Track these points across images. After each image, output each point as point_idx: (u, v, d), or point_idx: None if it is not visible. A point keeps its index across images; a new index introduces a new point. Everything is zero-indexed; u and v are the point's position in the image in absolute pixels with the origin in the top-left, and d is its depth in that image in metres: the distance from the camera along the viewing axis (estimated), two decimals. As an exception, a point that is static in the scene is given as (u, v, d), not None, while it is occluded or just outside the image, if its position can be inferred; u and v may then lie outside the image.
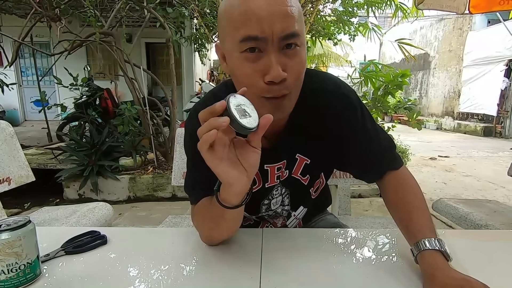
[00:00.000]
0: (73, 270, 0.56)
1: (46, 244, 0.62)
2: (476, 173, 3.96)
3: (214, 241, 0.63)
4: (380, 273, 0.55)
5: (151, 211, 2.65)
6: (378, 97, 3.08)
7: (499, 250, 0.65)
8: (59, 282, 0.52)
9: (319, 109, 0.64)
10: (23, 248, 0.49)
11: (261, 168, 0.66)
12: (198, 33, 4.97)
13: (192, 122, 0.64)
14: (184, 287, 0.52)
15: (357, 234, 0.72)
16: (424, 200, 0.61)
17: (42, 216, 1.25)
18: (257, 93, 0.52)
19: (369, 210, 2.66)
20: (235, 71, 0.53)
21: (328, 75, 0.68)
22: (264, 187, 0.69)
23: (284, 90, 0.51)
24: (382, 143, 0.68)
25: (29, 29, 3.03)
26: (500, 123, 7.35)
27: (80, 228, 0.70)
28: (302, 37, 0.51)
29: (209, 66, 8.42)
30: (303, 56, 0.52)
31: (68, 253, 0.61)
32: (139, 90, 3.17)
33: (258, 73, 0.50)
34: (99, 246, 0.64)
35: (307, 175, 0.70)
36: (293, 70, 0.51)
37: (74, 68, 3.30)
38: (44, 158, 3.26)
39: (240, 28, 0.49)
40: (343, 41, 6.14)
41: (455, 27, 8.75)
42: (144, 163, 3.18)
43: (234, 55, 0.52)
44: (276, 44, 0.49)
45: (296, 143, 0.66)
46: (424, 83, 10.24)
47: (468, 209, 1.30)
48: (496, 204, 1.43)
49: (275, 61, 0.49)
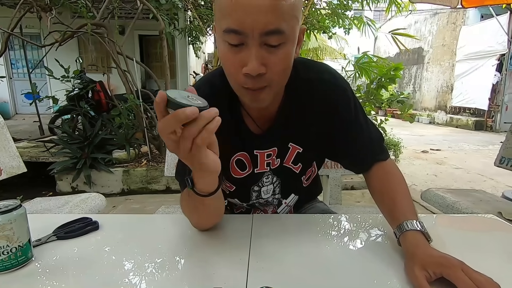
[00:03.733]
0: (65, 255, 0.56)
1: (38, 230, 0.63)
2: (466, 165, 4.04)
3: (203, 226, 0.65)
4: (368, 255, 0.57)
5: (145, 204, 2.65)
6: (371, 90, 3.11)
7: (477, 233, 0.69)
8: (50, 266, 0.53)
9: (313, 98, 0.65)
10: (14, 231, 0.50)
11: (251, 153, 0.67)
12: (192, 25, 4.92)
13: None
14: (173, 271, 0.53)
15: (345, 219, 0.74)
16: (407, 188, 0.64)
17: (34, 207, 1.25)
18: (237, 82, 0.53)
19: (361, 202, 2.70)
20: (220, 57, 0.54)
21: (324, 66, 0.68)
22: (253, 173, 0.70)
23: (261, 83, 0.52)
24: (372, 135, 0.70)
25: (19, 20, 2.97)
26: (491, 117, 7.46)
27: (72, 215, 0.71)
28: (289, 34, 0.50)
29: (204, 59, 8.35)
30: (288, 52, 0.51)
31: (60, 238, 0.61)
32: (132, 83, 3.14)
33: (238, 64, 0.51)
34: (90, 231, 0.65)
35: (299, 164, 0.71)
36: (274, 66, 0.51)
37: (65, 60, 3.24)
38: (36, 151, 3.23)
39: (225, 18, 0.49)
40: (338, 35, 6.13)
41: (449, 22, 8.79)
42: (137, 156, 3.17)
43: (220, 42, 0.52)
44: (257, 39, 0.48)
45: (289, 131, 0.67)
46: (418, 78, 10.31)
47: (455, 198, 1.33)
48: (482, 193, 1.47)
49: (254, 55, 0.49)
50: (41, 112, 4.19)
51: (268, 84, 0.53)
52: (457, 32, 8.28)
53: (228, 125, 0.64)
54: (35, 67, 5.44)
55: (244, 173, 0.69)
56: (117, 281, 0.49)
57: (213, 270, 0.52)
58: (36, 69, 6.31)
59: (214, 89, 0.63)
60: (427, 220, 0.75)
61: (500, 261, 0.56)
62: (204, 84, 0.66)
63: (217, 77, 0.63)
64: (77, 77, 3.56)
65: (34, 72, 6.35)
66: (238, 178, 0.70)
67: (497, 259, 0.57)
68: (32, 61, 6.48)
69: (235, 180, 0.70)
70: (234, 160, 0.68)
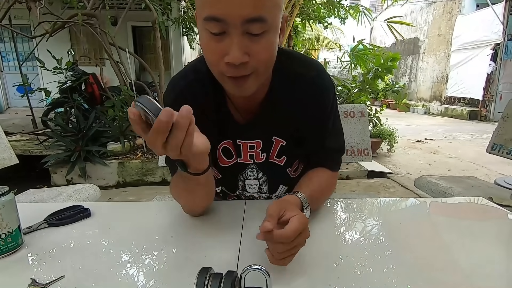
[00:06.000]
0: (56, 241, 0.56)
1: (30, 218, 0.62)
2: (460, 154, 4.08)
3: (195, 211, 0.65)
4: (358, 238, 0.58)
5: (140, 195, 2.65)
6: (366, 80, 3.10)
7: (467, 215, 0.70)
8: (41, 251, 0.53)
9: (296, 93, 0.64)
10: (3, 217, 0.49)
11: (234, 142, 0.67)
12: (186, 16, 4.84)
13: (170, 96, 0.65)
14: (164, 254, 0.53)
15: (338, 204, 0.74)
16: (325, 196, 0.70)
17: (27, 198, 1.24)
18: (219, 70, 0.52)
19: (356, 191, 2.73)
20: (202, 46, 0.53)
21: (315, 64, 0.67)
22: (237, 162, 0.70)
23: (243, 71, 0.51)
24: (333, 145, 0.70)
25: (7, 10, 2.90)
26: (485, 107, 7.52)
27: (64, 204, 0.70)
28: (272, 22, 0.49)
29: (199, 51, 8.25)
30: (271, 40, 0.50)
31: (51, 225, 0.61)
32: (125, 74, 3.10)
33: (220, 53, 0.49)
34: (82, 219, 0.64)
35: (283, 156, 0.71)
36: (257, 55, 0.50)
37: (57, 52, 3.18)
38: (29, 144, 3.20)
39: (205, 6, 0.48)
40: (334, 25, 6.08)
41: (445, 11, 8.75)
42: (132, 148, 3.16)
43: (201, 30, 0.51)
44: (239, 27, 0.47)
45: (272, 124, 0.66)
46: (414, 68, 10.31)
47: (447, 184, 1.35)
48: (474, 180, 1.49)
49: (236, 44, 0.48)
50: (33, 106, 4.13)
51: (253, 72, 0.52)
52: (453, 22, 8.26)
53: (213, 112, 0.64)
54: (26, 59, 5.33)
55: (230, 162, 0.70)
56: (108, 266, 0.49)
57: (205, 253, 0.52)
58: (28, 62, 6.19)
59: (199, 75, 0.63)
60: (419, 204, 0.76)
61: (489, 244, 0.57)
62: (189, 70, 0.66)
63: (203, 63, 0.61)
64: (70, 69, 3.50)
65: (25, 65, 6.24)
66: (224, 166, 0.70)
67: (486, 241, 0.58)
68: (23, 54, 6.36)
69: (221, 168, 0.71)
70: (221, 148, 0.68)
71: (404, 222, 0.66)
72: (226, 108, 0.64)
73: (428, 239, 0.58)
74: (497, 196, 1.22)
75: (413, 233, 0.61)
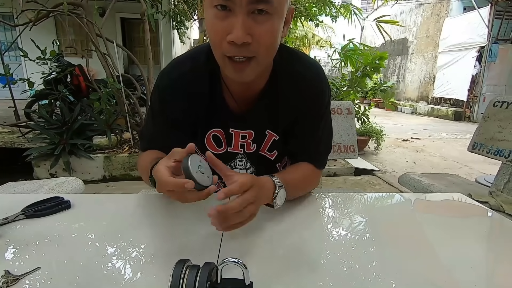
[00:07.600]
0: (32, 233, 0.55)
1: (6, 209, 0.60)
2: (444, 153, 4.19)
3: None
4: (342, 232, 0.59)
5: (127, 190, 2.61)
6: (355, 78, 3.14)
7: (445, 209, 0.72)
8: (17, 243, 0.51)
9: (294, 90, 0.65)
10: (-24, 207, 0.48)
11: (226, 131, 0.67)
12: (177, 9, 4.76)
13: (163, 83, 0.66)
14: (144, 246, 0.53)
15: (322, 198, 0.75)
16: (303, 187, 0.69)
17: (7, 191, 1.20)
18: (221, 51, 0.53)
19: (343, 187, 2.77)
20: (207, 25, 0.54)
21: (316, 65, 0.68)
22: (227, 151, 0.70)
23: (245, 52, 0.51)
24: (320, 148, 0.72)
25: (-12, -4, 2.78)
26: (469, 108, 7.73)
27: (42, 195, 0.69)
28: (276, 5, 0.50)
29: (189, 45, 8.15)
30: (274, 25, 0.52)
31: (28, 217, 0.60)
32: (112, 67, 3.03)
33: (224, 32, 0.50)
34: (61, 210, 0.63)
35: (274, 151, 0.72)
36: (260, 37, 0.51)
37: (42, 43, 3.06)
38: (11, 136, 3.10)
39: None
40: (325, 23, 6.12)
41: (433, 13, 8.92)
42: (119, 142, 3.10)
43: (207, 9, 0.52)
44: (244, 7, 0.48)
45: (266, 117, 0.67)
46: (402, 68, 10.48)
47: (430, 181, 1.38)
48: (456, 177, 1.54)
49: (240, 23, 0.49)
50: (16, 97, 3.99)
51: (254, 56, 0.52)
52: (441, 24, 8.42)
53: (206, 99, 0.64)
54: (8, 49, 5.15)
55: (220, 151, 0.70)
56: (87, 258, 0.48)
57: (186, 245, 0.52)
58: (10, 51, 5.99)
59: (196, 63, 0.64)
60: (400, 200, 0.78)
61: (466, 238, 0.59)
62: (187, 58, 0.67)
63: (202, 53, 0.64)
64: (55, 60, 3.40)
65: (8, 55, 6.03)
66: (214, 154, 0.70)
67: (464, 236, 0.60)
68: (5, 43, 6.14)
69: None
70: (211, 135, 0.68)
71: (385, 217, 0.67)
72: (221, 96, 0.65)
73: (411, 235, 0.59)
74: (476, 193, 1.26)
75: (394, 228, 0.62)
